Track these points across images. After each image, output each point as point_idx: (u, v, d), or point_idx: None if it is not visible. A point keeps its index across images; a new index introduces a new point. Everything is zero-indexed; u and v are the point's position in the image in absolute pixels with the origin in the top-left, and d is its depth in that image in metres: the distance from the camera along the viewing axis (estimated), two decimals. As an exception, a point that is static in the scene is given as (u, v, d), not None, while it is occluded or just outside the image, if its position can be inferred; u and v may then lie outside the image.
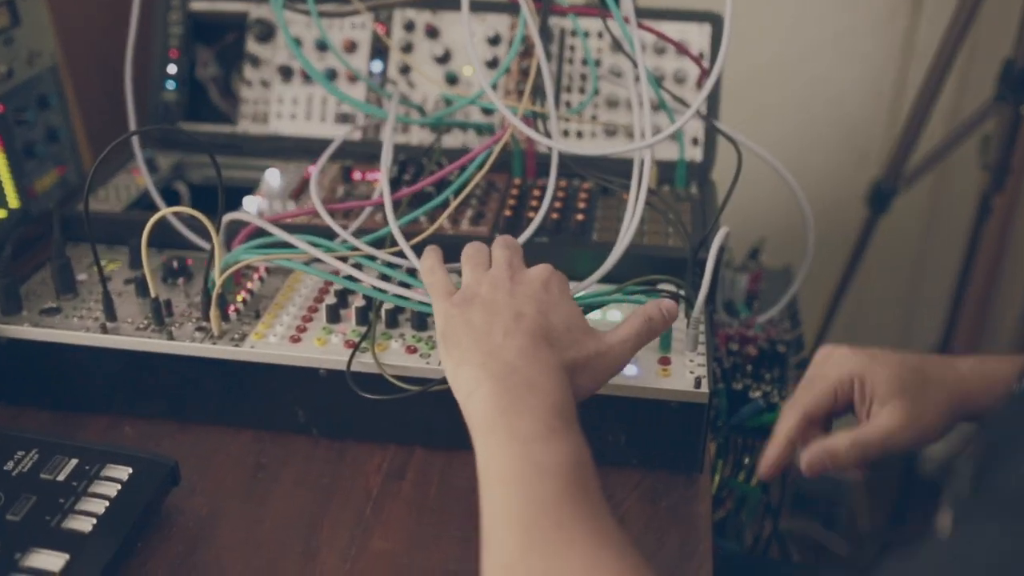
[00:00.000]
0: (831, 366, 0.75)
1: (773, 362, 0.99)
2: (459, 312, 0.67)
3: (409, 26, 1.09)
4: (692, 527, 0.75)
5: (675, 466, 0.81)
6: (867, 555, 1.73)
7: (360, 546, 0.74)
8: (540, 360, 0.63)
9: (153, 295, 0.82)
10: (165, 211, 0.78)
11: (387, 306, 0.83)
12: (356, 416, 0.81)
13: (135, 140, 1.00)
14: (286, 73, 1.11)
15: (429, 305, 0.74)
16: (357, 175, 1.04)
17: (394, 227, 0.84)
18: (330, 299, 0.84)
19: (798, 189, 1.04)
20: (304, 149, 1.09)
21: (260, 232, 0.86)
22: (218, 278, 0.81)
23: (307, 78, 1.11)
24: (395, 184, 0.99)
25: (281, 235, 0.82)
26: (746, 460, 0.96)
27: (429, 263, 0.74)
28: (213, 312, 0.81)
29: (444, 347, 0.67)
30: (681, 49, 1.02)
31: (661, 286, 0.83)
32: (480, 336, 0.65)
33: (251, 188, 1.03)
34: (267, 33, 1.11)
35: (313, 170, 0.92)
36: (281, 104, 1.11)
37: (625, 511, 0.77)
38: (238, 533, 0.75)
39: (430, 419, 0.81)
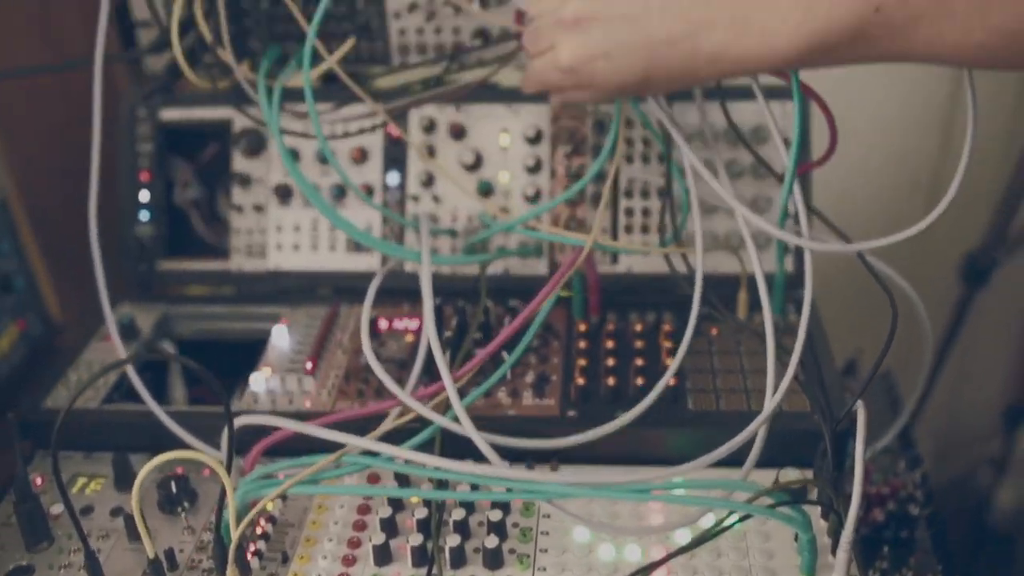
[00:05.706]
0: None
1: (902, 524, 0.82)
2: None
3: (430, 127, 0.90)
4: None
5: None
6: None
7: None
8: None
9: (151, 556, 0.63)
10: (160, 459, 0.60)
11: (451, 542, 0.65)
12: None
13: (105, 303, 0.81)
14: (283, 194, 0.91)
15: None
16: (383, 324, 0.85)
17: (469, 430, 0.66)
18: (376, 533, 0.66)
19: (910, 290, 0.87)
20: (313, 288, 0.91)
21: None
22: (234, 528, 0.63)
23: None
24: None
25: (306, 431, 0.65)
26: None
27: None
28: (231, 571, 0.63)
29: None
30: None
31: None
32: None
33: (253, 345, 0.84)
34: (257, 145, 0.92)
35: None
36: (280, 232, 0.92)
37: None
38: None
39: None
